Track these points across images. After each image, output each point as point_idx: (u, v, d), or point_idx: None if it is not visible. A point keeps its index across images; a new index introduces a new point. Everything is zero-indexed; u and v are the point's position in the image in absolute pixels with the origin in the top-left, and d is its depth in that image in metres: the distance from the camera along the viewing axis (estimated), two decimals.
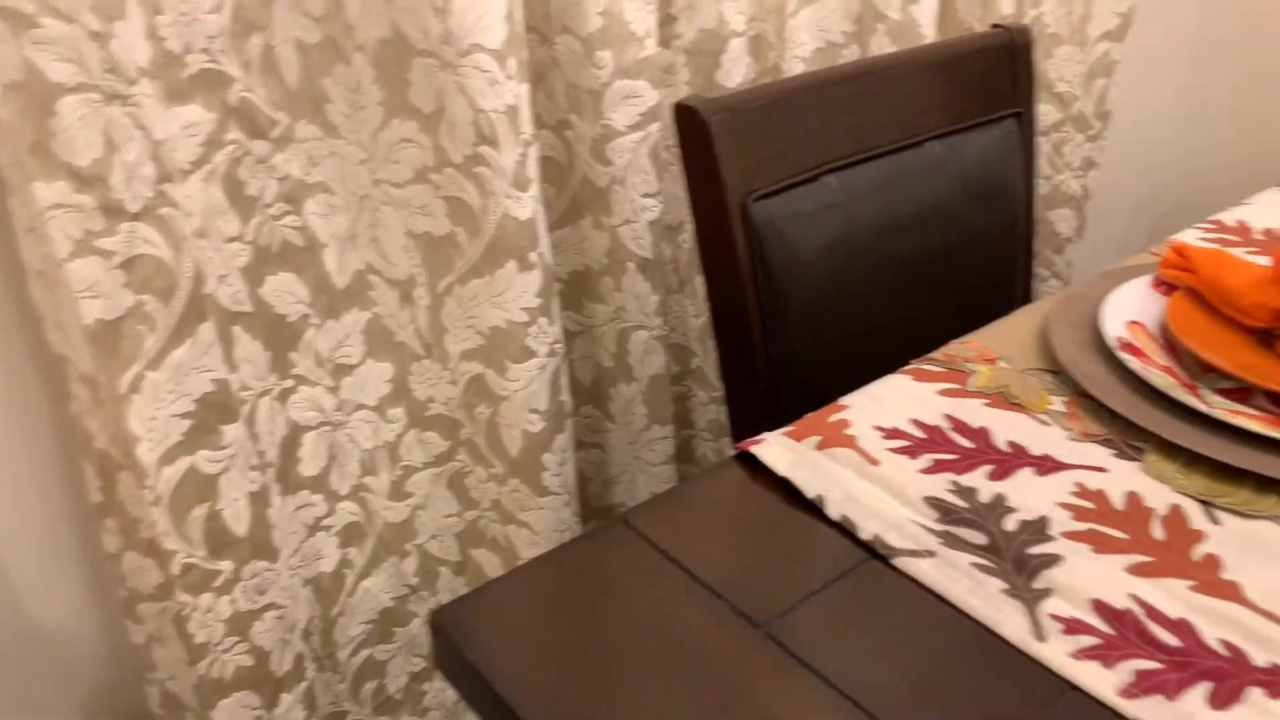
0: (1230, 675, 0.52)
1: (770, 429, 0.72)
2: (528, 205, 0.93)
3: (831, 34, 1.25)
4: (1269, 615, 0.56)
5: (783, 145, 0.91)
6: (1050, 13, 1.58)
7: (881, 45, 1.26)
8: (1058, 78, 1.65)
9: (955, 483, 0.66)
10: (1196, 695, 0.51)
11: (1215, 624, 0.55)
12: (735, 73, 1.12)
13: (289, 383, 0.99)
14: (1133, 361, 0.74)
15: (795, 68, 1.21)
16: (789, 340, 0.95)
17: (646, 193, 1.07)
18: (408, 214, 0.96)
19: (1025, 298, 1.20)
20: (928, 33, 1.27)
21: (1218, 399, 0.72)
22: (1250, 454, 0.67)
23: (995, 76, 1.10)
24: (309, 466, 1.04)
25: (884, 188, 1.00)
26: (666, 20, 1.09)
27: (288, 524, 1.02)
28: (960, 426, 0.72)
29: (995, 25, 1.10)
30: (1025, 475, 0.67)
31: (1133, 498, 0.65)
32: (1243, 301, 0.78)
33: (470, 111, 0.87)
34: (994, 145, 1.10)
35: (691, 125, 0.84)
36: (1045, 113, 1.70)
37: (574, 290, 1.15)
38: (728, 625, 0.56)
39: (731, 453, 0.70)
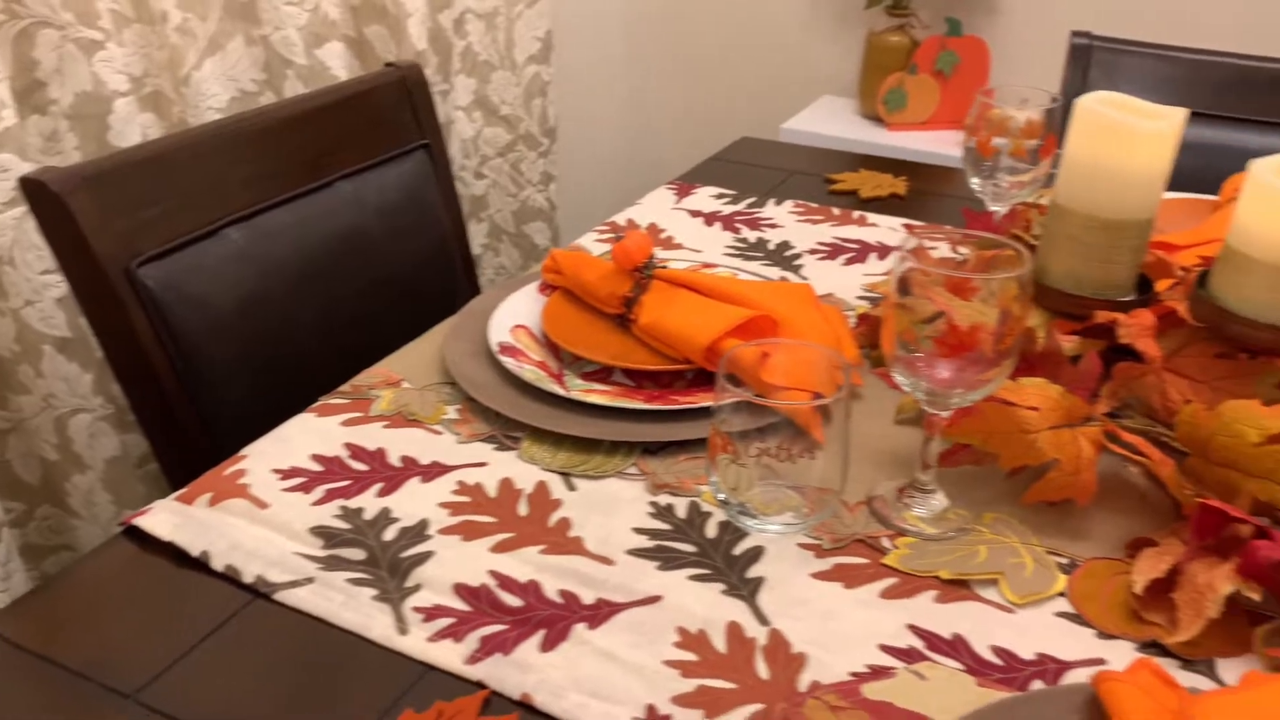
0: (561, 619, 0.61)
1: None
2: None
3: (243, 83, 1.25)
4: (601, 559, 0.66)
5: (168, 205, 0.91)
6: (478, 41, 1.71)
7: (295, 89, 1.29)
8: (500, 101, 1.79)
9: (344, 507, 0.70)
10: (531, 644, 0.59)
11: (557, 577, 0.64)
12: (129, 133, 1.09)
13: None
14: (509, 362, 0.84)
15: (207, 118, 1.20)
16: (219, 397, 0.94)
17: (45, 269, 1.01)
18: None
19: None
20: (340, 74, 1.32)
21: (580, 382, 0.84)
22: (603, 424, 0.78)
23: (397, 113, 1.17)
24: None
25: (297, 232, 1.03)
26: (35, 86, 1.03)
27: None
28: (358, 452, 0.76)
29: (387, 64, 1.17)
30: (412, 485, 0.73)
31: (506, 483, 0.73)
32: (600, 293, 0.90)
33: None
34: (407, 176, 1.17)
35: (44, 199, 0.81)
36: (496, 135, 1.83)
37: None
38: (97, 706, 0.55)
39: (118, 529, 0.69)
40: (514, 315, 0.92)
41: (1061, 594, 0.64)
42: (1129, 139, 0.78)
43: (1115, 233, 0.80)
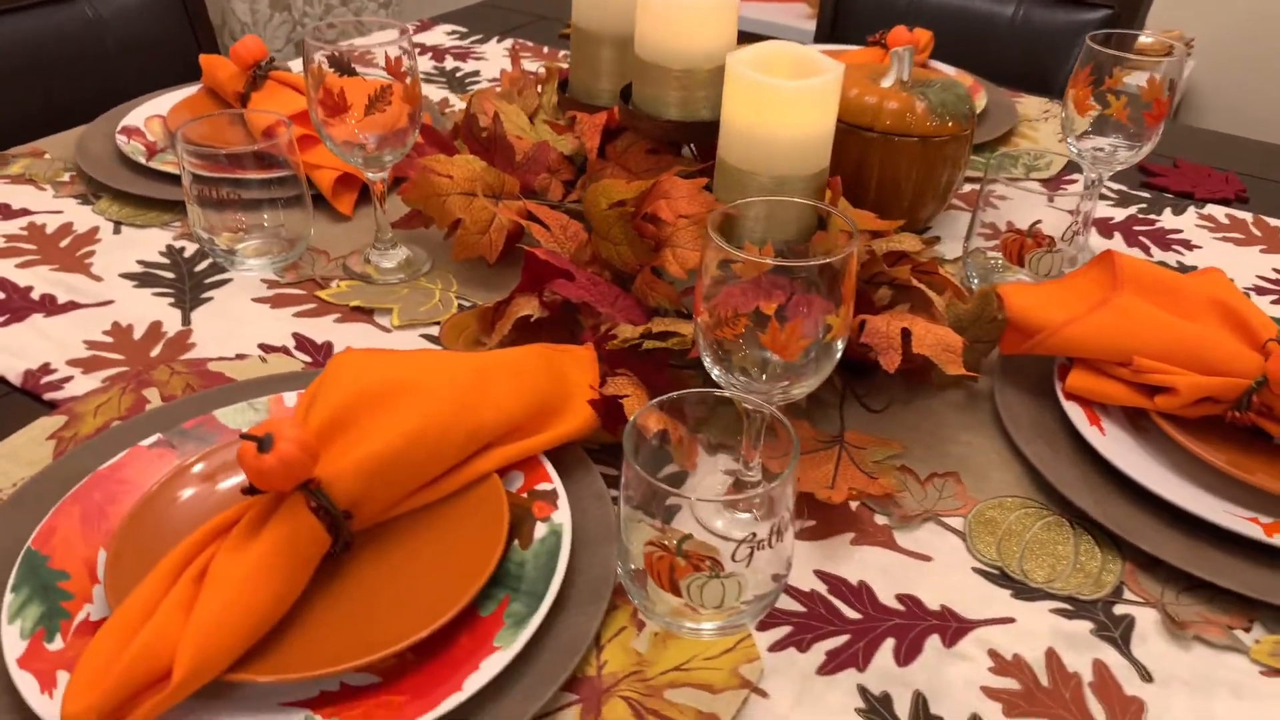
0: (28, 310, 0.79)
1: None
2: None
3: None
4: (95, 278, 0.83)
5: None
6: None
7: None
8: None
9: None
10: (33, 320, 0.77)
11: (49, 286, 0.82)
12: None
13: None
14: (120, 138, 1.00)
15: None
16: None
17: None
18: None
19: None
20: None
21: (169, 157, 1.00)
22: (162, 187, 0.95)
23: None
24: None
25: (30, 43, 1.19)
26: None
27: None
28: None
29: None
30: None
31: (65, 226, 0.90)
32: (226, 90, 1.06)
33: None
34: (151, 2, 1.32)
35: None
36: None
37: None
38: None
39: None
40: (158, 108, 1.08)
41: (438, 323, 0.80)
42: None
43: (622, 49, 0.93)
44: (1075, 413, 0.68)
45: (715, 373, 0.58)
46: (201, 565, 0.51)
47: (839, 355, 0.57)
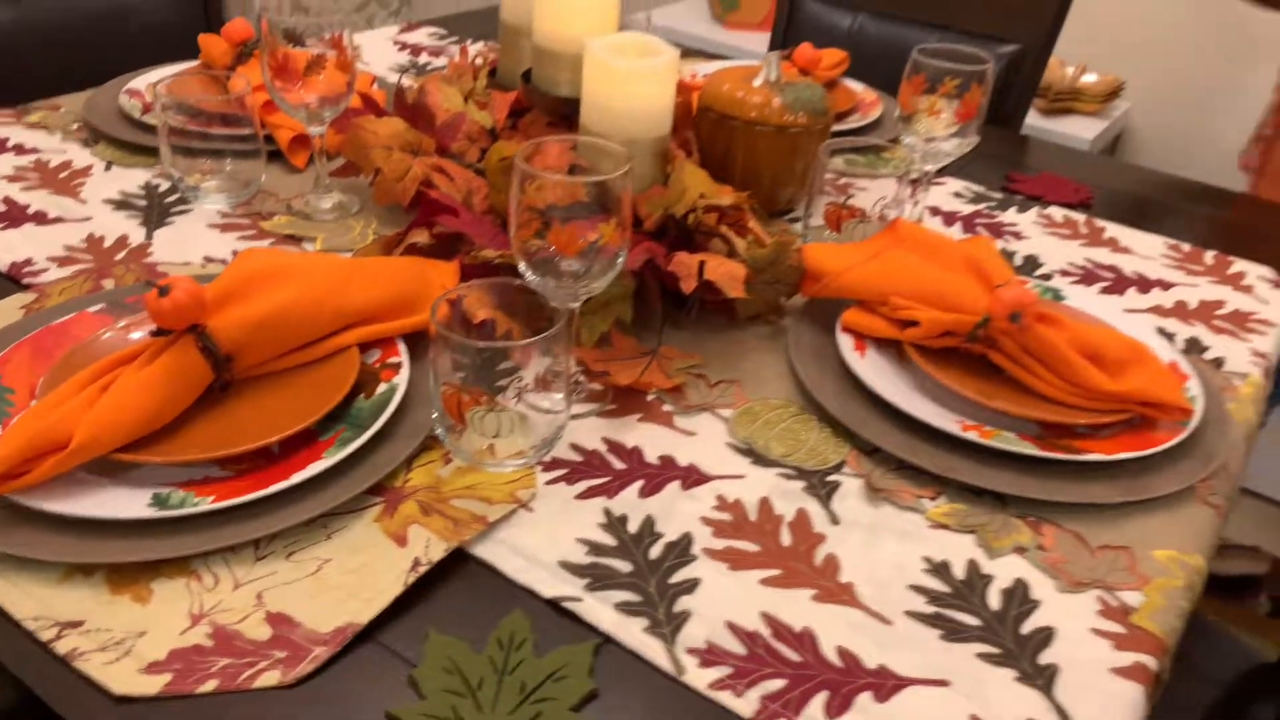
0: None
1: None
2: None
3: None
4: None
5: None
6: None
7: None
8: None
9: None
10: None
11: None
12: None
13: None
14: (125, 99, 1.19)
15: None
16: None
17: None
18: None
19: None
20: None
21: None
22: (152, 136, 1.13)
23: None
24: None
25: (62, 25, 1.39)
26: None
27: None
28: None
29: None
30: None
31: (66, 162, 1.09)
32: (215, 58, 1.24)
33: None
34: None
35: None
36: None
37: None
38: None
39: None
40: (160, 77, 1.27)
41: (353, 251, 0.97)
42: None
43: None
44: (845, 341, 0.83)
45: (529, 276, 0.74)
46: (107, 381, 0.68)
47: (620, 263, 0.72)
